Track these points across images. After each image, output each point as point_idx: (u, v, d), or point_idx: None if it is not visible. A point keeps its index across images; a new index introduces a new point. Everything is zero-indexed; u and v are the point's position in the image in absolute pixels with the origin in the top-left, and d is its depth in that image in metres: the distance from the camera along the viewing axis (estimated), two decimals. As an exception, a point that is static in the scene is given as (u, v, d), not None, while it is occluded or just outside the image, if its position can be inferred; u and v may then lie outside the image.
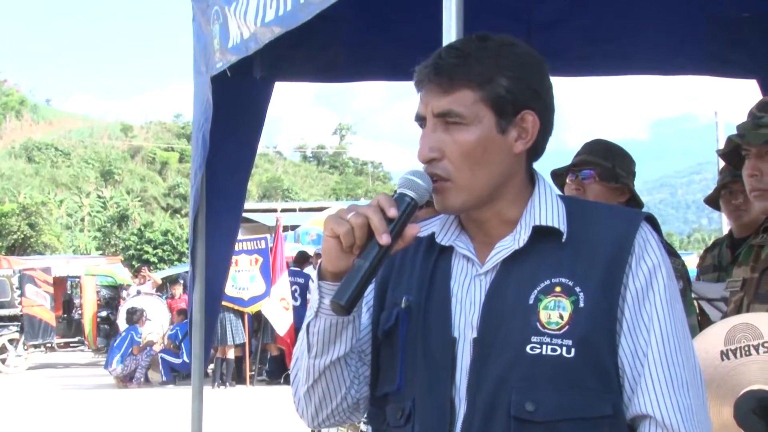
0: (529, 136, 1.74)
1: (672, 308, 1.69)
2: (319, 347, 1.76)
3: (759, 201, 2.76)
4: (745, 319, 2.42)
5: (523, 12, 4.63)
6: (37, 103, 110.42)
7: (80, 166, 75.94)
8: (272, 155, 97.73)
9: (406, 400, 1.73)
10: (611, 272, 1.67)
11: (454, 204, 1.73)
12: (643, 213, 1.77)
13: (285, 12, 3.42)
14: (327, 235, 1.66)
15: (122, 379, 16.62)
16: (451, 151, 1.70)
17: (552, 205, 1.75)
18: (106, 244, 53.82)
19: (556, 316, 1.65)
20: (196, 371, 4.86)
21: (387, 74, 5.12)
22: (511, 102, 1.71)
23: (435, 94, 1.72)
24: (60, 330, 22.78)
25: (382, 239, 1.62)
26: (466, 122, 1.70)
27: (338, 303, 1.63)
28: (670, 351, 1.67)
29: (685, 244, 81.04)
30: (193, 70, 4.64)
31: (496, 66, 1.71)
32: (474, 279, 1.74)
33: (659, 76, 5.43)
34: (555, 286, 1.67)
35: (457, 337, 1.71)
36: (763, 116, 2.75)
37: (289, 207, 36.77)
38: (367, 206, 1.65)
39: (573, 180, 3.56)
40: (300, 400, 1.86)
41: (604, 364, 1.65)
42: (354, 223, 1.63)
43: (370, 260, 1.63)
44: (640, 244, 1.70)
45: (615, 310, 1.67)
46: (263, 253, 15.52)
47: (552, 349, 1.63)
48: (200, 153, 4.41)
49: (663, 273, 1.70)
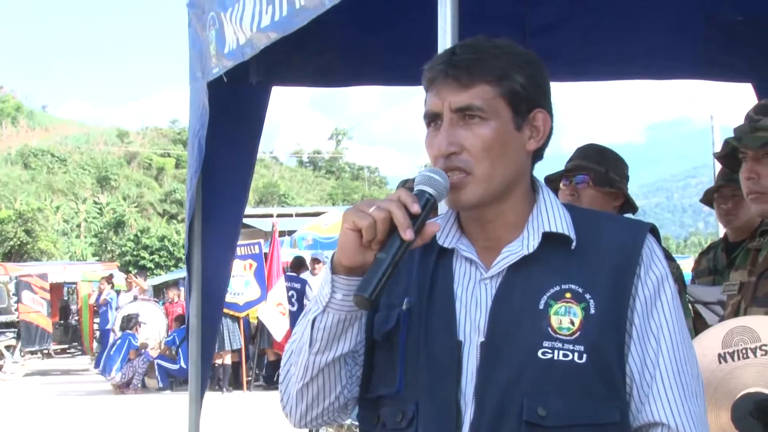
0: (540, 135, 1.76)
1: (679, 318, 1.72)
2: (323, 343, 1.74)
3: (756, 204, 2.77)
4: (743, 323, 2.43)
5: (518, 17, 4.64)
6: (33, 110, 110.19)
7: (76, 172, 75.78)
8: (268, 160, 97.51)
9: (408, 403, 1.72)
10: (620, 281, 1.69)
11: (472, 198, 1.72)
12: (648, 224, 1.79)
13: (281, 17, 3.42)
14: (347, 228, 1.64)
15: (119, 385, 16.60)
16: (471, 145, 1.70)
17: (558, 212, 1.76)
18: (102, 250, 53.71)
19: (567, 322, 1.65)
20: (193, 377, 4.85)
21: (383, 79, 5.13)
22: (525, 99, 1.73)
23: (453, 89, 1.72)
24: (57, 336, 22.75)
25: (407, 234, 1.61)
26: (486, 116, 1.70)
27: (362, 296, 1.61)
28: (679, 360, 1.69)
29: (681, 248, 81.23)
30: (189, 75, 4.64)
31: (510, 62, 1.72)
32: (479, 283, 1.73)
33: (655, 80, 5.43)
34: (565, 292, 1.67)
35: (462, 341, 1.70)
36: (761, 119, 2.75)
37: (285, 212, 36.70)
38: (389, 201, 1.64)
39: (567, 185, 3.55)
40: (290, 398, 1.84)
41: (613, 371, 1.66)
42: (377, 217, 1.61)
43: (392, 254, 1.62)
44: (648, 255, 1.72)
45: (624, 318, 1.68)
46: (257, 257, 15.55)
47: (564, 355, 1.64)
48: (196, 159, 4.41)
49: (670, 283, 1.72)
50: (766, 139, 2.70)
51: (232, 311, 15.15)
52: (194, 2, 4.52)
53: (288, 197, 74.47)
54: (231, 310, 15.05)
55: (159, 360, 16.93)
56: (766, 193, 2.73)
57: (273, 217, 19.12)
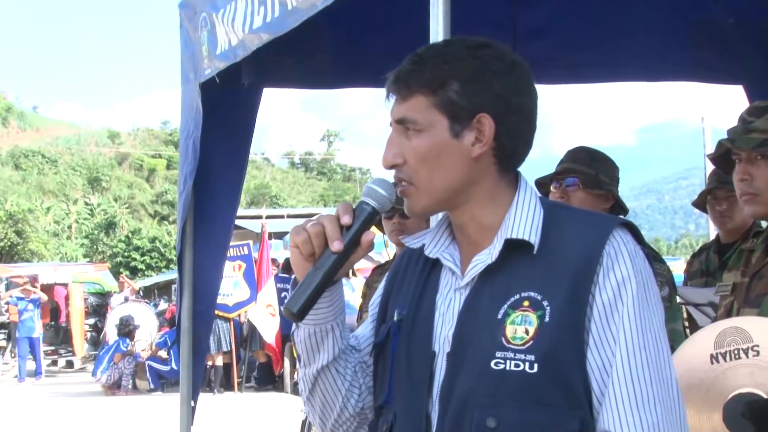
0: (485, 140, 1.71)
1: (642, 321, 1.63)
2: (305, 356, 1.82)
3: (748, 205, 2.77)
4: (735, 323, 2.43)
5: (508, 20, 4.64)
6: (24, 111, 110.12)
7: (67, 174, 75.70)
8: (260, 162, 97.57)
9: (390, 413, 1.75)
10: (578, 285, 1.63)
11: (417, 207, 1.75)
12: (618, 220, 1.72)
13: (273, 19, 3.42)
14: (291, 245, 1.73)
15: (110, 386, 16.58)
16: (410, 156, 1.72)
17: (528, 214, 1.72)
18: (93, 252, 53.60)
19: (522, 331, 1.62)
20: (184, 379, 4.85)
21: (374, 81, 5.12)
22: (466, 106, 1.70)
23: (395, 101, 1.75)
24: (47, 338, 22.67)
25: (334, 246, 1.69)
26: (419, 128, 1.71)
27: (290, 310, 1.68)
28: (636, 366, 1.60)
29: (672, 250, 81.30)
30: (180, 77, 4.64)
31: (450, 70, 1.70)
32: (455, 292, 1.74)
33: (646, 83, 5.44)
34: (524, 300, 1.64)
35: (436, 351, 1.71)
36: (754, 121, 2.76)
37: (277, 213, 36.66)
38: (326, 215, 1.71)
39: (557, 188, 3.56)
40: (309, 410, 1.91)
41: (570, 379, 1.60)
42: (310, 232, 1.70)
43: (324, 268, 1.69)
44: (611, 256, 1.64)
45: (582, 324, 1.62)
46: (246, 259, 15.61)
47: (515, 365, 1.60)
48: (190, 160, 4.40)
49: (632, 285, 1.63)
50: (759, 141, 2.71)
51: (222, 312, 15.14)
52: (186, 3, 4.51)
53: (280, 198, 74.53)
54: (221, 311, 15.04)
55: (150, 361, 16.90)
56: (760, 194, 2.73)
57: (262, 218, 19.07)
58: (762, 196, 2.73)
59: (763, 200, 2.73)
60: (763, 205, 2.74)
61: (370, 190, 1.75)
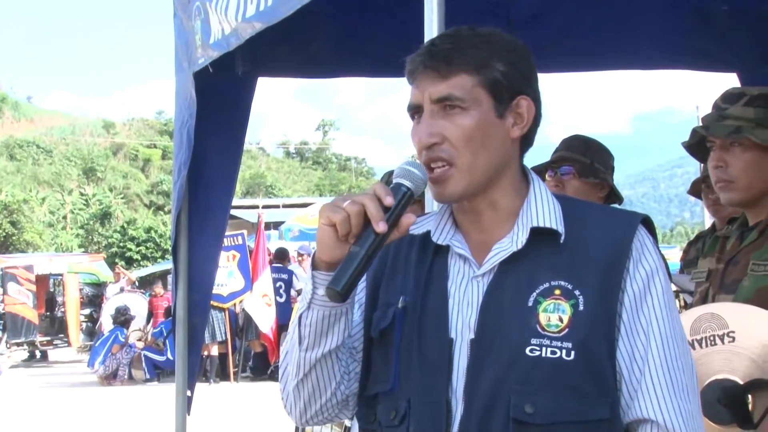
0: (524, 122, 1.74)
1: (670, 311, 1.69)
2: (311, 339, 1.75)
3: (723, 192, 2.78)
4: (710, 309, 2.44)
5: (502, 8, 4.63)
6: (18, 100, 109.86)
7: (62, 164, 75.52)
8: (255, 151, 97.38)
9: (401, 401, 1.72)
10: (609, 276, 1.67)
11: (456, 190, 1.72)
12: (640, 215, 1.77)
13: (266, 7, 3.41)
14: (323, 223, 1.65)
15: (105, 377, 16.59)
16: (452, 135, 1.70)
17: (549, 204, 1.75)
18: (88, 242, 53.50)
19: (555, 319, 1.64)
20: (180, 369, 4.85)
21: (369, 70, 5.11)
22: (507, 87, 1.72)
23: (432, 80, 1.72)
24: (43, 328, 22.67)
25: (379, 227, 1.62)
26: (465, 106, 1.70)
27: (334, 289, 1.62)
28: (670, 355, 1.67)
29: (668, 238, 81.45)
30: (174, 66, 4.62)
31: (490, 51, 1.71)
32: (471, 280, 1.73)
33: (641, 71, 5.44)
34: (554, 289, 1.67)
35: (453, 338, 1.70)
36: (728, 107, 2.76)
37: (272, 203, 36.66)
38: (363, 194, 1.65)
39: (552, 176, 3.57)
40: (289, 395, 1.84)
41: (602, 367, 1.65)
42: (350, 211, 1.62)
43: (366, 248, 1.62)
44: (638, 248, 1.70)
45: (613, 313, 1.66)
46: (240, 248, 15.59)
47: (552, 352, 1.63)
48: (185, 150, 4.39)
49: (661, 277, 1.70)
50: (733, 128, 2.71)
51: (217, 302, 15.13)
52: (180, -8, 4.49)
53: (275, 188, 74.46)
54: (215, 301, 15.03)
55: (146, 351, 16.91)
56: (734, 181, 2.74)
57: (259, 208, 19.07)
58: (737, 183, 2.74)
59: (738, 187, 2.74)
60: (737, 192, 2.75)
61: (405, 172, 1.69)
